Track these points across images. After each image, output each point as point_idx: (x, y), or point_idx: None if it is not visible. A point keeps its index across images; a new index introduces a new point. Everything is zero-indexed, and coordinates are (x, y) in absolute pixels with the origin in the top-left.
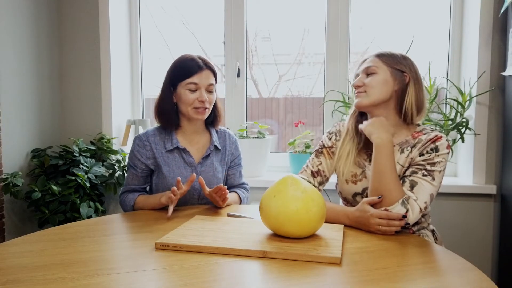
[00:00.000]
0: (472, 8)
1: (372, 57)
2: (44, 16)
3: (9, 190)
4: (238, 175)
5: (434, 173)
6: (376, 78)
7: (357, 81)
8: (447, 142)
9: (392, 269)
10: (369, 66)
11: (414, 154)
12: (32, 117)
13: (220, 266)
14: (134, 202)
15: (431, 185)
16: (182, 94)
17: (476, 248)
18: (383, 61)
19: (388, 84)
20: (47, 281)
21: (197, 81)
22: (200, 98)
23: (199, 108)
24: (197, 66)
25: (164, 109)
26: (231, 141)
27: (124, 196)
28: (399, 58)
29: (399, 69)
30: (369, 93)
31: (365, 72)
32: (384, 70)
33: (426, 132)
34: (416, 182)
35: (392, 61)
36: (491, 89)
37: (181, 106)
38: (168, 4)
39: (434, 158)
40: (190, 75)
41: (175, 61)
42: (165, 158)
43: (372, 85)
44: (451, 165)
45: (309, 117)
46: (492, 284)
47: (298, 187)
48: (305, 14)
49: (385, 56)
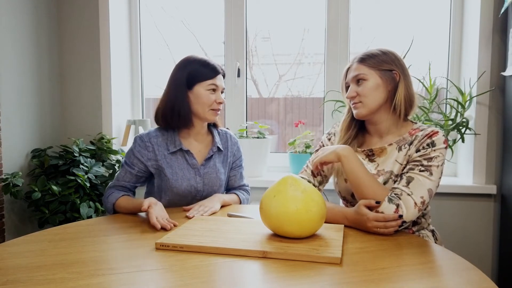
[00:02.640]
0: (472, 8)
1: (356, 64)
2: (44, 16)
3: (9, 190)
4: (239, 177)
5: (431, 168)
6: (367, 86)
7: (350, 93)
8: (444, 137)
9: (392, 269)
10: (357, 75)
11: (411, 151)
12: (32, 117)
13: (220, 266)
14: (116, 200)
15: (428, 180)
16: (203, 94)
17: (476, 248)
18: (368, 66)
19: (380, 87)
20: (47, 281)
21: (217, 83)
22: (218, 99)
23: (216, 110)
24: (215, 69)
25: (179, 109)
26: (232, 142)
27: (110, 192)
28: (382, 57)
29: (387, 69)
30: (364, 103)
31: (354, 81)
32: (373, 75)
33: (423, 128)
34: (412, 178)
35: (377, 63)
36: (491, 89)
37: (197, 106)
38: (168, 4)
39: (430, 153)
40: (211, 76)
41: (192, 61)
42: (167, 160)
43: (365, 94)
44: (451, 165)
45: (309, 117)
46: (492, 284)
47: (298, 187)
48: (305, 14)
49: (368, 59)
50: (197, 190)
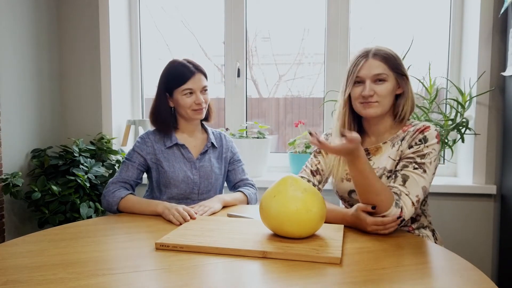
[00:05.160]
0: (472, 8)
1: (376, 61)
2: (44, 16)
3: (9, 190)
4: (240, 171)
5: (424, 165)
6: (387, 87)
7: (368, 91)
8: (436, 132)
9: (392, 269)
10: (379, 74)
11: (403, 147)
12: (32, 117)
13: (220, 266)
14: (125, 196)
15: (422, 178)
16: (180, 99)
17: (476, 248)
18: (390, 67)
19: (393, 91)
20: (47, 281)
21: (192, 86)
22: (196, 101)
23: (197, 109)
24: (189, 72)
25: (161, 115)
26: (227, 140)
27: (113, 187)
28: (398, 60)
29: (401, 73)
30: (381, 103)
31: (373, 79)
32: (391, 77)
33: (415, 124)
34: (408, 176)
35: (395, 65)
36: (491, 89)
37: (180, 109)
38: (168, 4)
39: (423, 150)
40: (184, 81)
41: (167, 68)
42: (165, 154)
43: (384, 95)
44: (451, 165)
45: (309, 117)
46: (492, 284)
47: (298, 187)
48: (305, 14)
49: (389, 59)
50: (194, 182)
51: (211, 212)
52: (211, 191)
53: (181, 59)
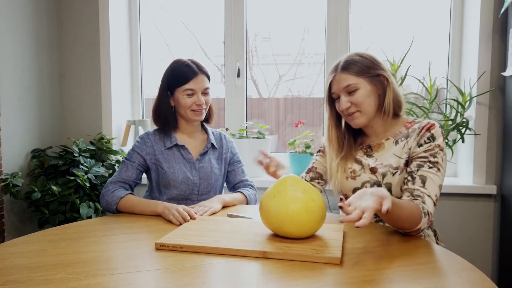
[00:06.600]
0: (472, 8)
1: (341, 74)
2: (44, 16)
3: (9, 190)
4: (240, 172)
5: (438, 164)
6: (361, 94)
7: (344, 104)
8: (440, 129)
9: (392, 270)
10: (348, 85)
11: (411, 144)
12: (32, 117)
13: (220, 267)
14: (124, 195)
15: (437, 177)
16: (180, 99)
17: (476, 248)
18: (355, 74)
19: (372, 94)
20: (47, 281)
21: (193, 87)
22: (197, 102)
23: (197, 110)
24: (192, 72)
25: (162, 113)
26: (227, 141)
27: (112, 187)
28: (365, 62)
29: (374, 74)
30: (363, 111)
31: (345, 92)
32: (362, 83)
33: (418, 121)
34: (426, 177)
35: (363, 70)
36: (491, 89)
37: (180, 109)
38: (168, 4)
39: (434, 148)
40: (186, 81)
41: (170, 67)
42: (164, 155)
43: (360, 102)
44: (451, 165)
45: (309, 117)
46: (492, 284)
47: (298, 187)
48: (305, 14)
49: (352, 67)
50: (194, 183)
51: (211, 212)
52: (211, 192)
53: (186, 59)
